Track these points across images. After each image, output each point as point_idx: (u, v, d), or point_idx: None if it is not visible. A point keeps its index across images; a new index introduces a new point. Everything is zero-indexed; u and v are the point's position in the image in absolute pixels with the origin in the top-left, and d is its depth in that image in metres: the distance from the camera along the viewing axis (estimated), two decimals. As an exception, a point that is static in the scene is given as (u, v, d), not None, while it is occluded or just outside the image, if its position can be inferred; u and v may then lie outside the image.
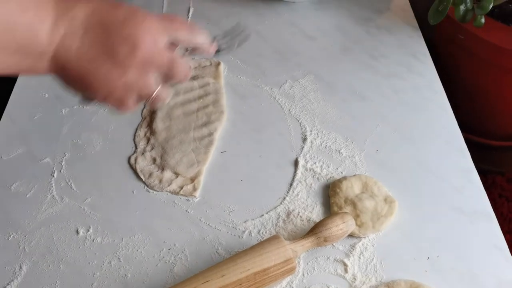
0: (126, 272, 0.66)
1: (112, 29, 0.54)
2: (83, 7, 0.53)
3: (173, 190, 0.74)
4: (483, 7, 0.89)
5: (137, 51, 0.54)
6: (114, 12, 0.54)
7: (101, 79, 0.54)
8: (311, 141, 0.81)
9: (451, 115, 0.85)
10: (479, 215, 0.72)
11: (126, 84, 0.55)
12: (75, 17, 0.52)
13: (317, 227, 0.66)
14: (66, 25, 0.52)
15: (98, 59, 0.53)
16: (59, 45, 0.52)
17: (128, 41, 0.54)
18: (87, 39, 0.53)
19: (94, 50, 0.53)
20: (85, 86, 0.55)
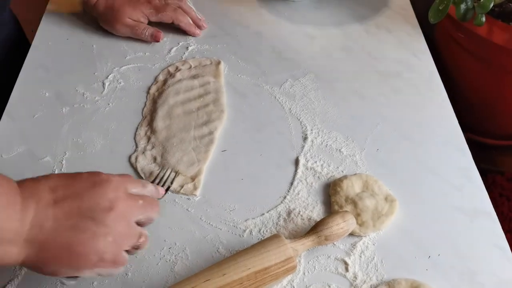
0: (126, 271, 0.66)
1: (83, 195, 0.55)
2: (46, 185, 0.54)
3: (174, 189, 0.74)
4: (484, 6, 0.89)
5: (115, 206, 0.55)
6: (78, 179, 0.56)
7: (89, 242, 0.54)
8: (312, 140, 0.81)
9: (452, 114, 0.85)
10: (480, 214, 0.72)
11: (115, 239, 0.55)
12: (41, 196, 0.53)
13: (318, 226, 0.66)
14: (34, 206, 0.52)
15: (79, 226, 0.53)
16: (31, 227, 0.52)
17: (104, 200, 0.55)
18: (61, 212, 0.53)
19: (72, 219, 0.53)
20: (74, 256, 0.54)
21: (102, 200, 0.55)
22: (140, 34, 0.94)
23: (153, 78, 0.90)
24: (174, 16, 0.95)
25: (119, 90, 0.87)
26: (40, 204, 0.53)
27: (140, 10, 0.94)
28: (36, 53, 0.94)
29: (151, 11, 0.95)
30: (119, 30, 0.94)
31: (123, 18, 0.93)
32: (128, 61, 0.92)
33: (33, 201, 0.53)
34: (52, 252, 0.53)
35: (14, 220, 0.51)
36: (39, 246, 0.52)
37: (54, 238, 0.52)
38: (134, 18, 0.94)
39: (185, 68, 0.91)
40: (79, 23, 0.99)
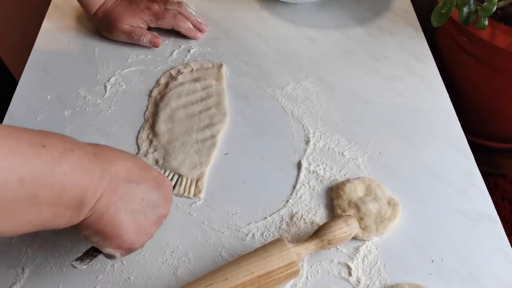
0: (129, 275, 0.66)
1: (150, 191, 0.60)
2: (124, 164, 0.57)
3: (177, 192, 0.73)
4: (487, 9, 0.89)
5: (162, 215, 0.63)
6: (150, 173, 0.61)
7: (133, 231, 0.59)
8: (314, 143, 0.80)
9: (454, 117, 0.85)
10: (483, 218, 0.72)
11: (147, 237, 0.62)
12: (117, 174, 0.56)
13: (321, 230, 0.66)
14: (108, 180, 0.54)
15: (135, 214, 0.59)
16: (101, 198, 0.54)
17: (161, 205, 0.62)
18: (127, 194, 0.57)
19: (133, 204, 0.58)
20: (115, 235, 0.58)
21: (160, 205, 0.62)
22: (138, 40, 0.94)
23: (155, 81, 0.90)
24: (174, 22, 0.95)
25: (121, 93, 0.87)
26: (114, 180, 0.55)
27: (139, 17, 0.94)
28: (37, 56, 0.93)
29: (150, 17, 0.95)
30: (118, 36, 0.94)
31: (121, 25, 0.93)
32: (129, 64, 0.92)
33: (109, 175, 0.55)
34: (103, 223, 0.56)
35: (91, 187, 0.53)
36: (98, 217, 0.55)
37: (113, 213, 0.56)
38: (133, 25, 0.94)
39: (187, 71, 0.91)
40: (80, 26, 0.99)
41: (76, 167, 0.51)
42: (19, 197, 0.46)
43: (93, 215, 0.54)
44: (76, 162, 0.51)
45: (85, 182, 0.52)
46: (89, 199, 0.53)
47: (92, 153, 0.54)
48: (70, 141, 0.52)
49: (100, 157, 0.54)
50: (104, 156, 0.55)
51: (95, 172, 0.53)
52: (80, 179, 0.51)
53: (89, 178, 0.52)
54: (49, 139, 0.50)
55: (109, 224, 0.56)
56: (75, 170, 0.51)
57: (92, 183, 0.52)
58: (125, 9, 0.94)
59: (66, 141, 0.52)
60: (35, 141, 0.48)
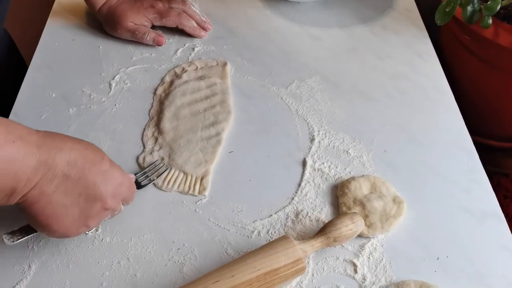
0: (135, 272, 0.66)
1: (87, 187, 0.60)
2: (65, 157, 0.58)
3: (182, 189, 0.74)
4: (491, 8, 0.89)
5: (105, 210, 0.63)
6: (96, 165, 0.61)
7: (63, 224, 0.60)
8: (319, 141, 0.81)
9: (459, 116, 0.85)
10: (488, 215, 0.72)
11: (84, 229, 0.63)
12: (56, 165, 0.57)
13: (327, 227, 0.66)
14: (44, 172, 0.57)
15: (68, 209, 0.60)
16: (33, 189, 0.57)
17: (99, 199, 0.62)
18: (62, 188, 0.58)
19: (68, 198, 0.59)
20: (44, 225, 0.60)
21: (102, 200, 0.62)
22: (141, 38, 0.94)
23: (160, 79, 0.90)
24: (178, 21, 0.95)
25: (126, 91, 0.87)
26: (50, 173, 0.57)
27: (143, 15, 0.94)
28: (42, 54, 0.93)
29: (154, 16, 0.95)
30: (121, 34, 0.94)
31: (125, 22, 0.93)
32: (134, 62, 0.92)
33: (46, 167, 0.57)
34: (34, 212, 0.59)
35: (24, 178, 0.55)
36: (30, 204, 0.58)
37: (43, 205, 0.58)
38: (137, 23, 0.94)
39: (191, 69, 0.91)
40: (84, 24, 0.99)
41: (13, 158, 0.54)
42: None
43: (24, 202, 0.57)
44: (14, 153, 0.54)
45: (19, 173, 0.55)
46: (20, 188, 0.55)
47: (35, 144, 0.56)
48: (16, 132, 0.55)
49: (42, 148, 0.56)
50: (46, 148, 0.57)
51: (31, 163, 0.55)
52: (14, 169, 0.54)
53: (24, 169, 0.55)
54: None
55: (39, 214, 0.59)
56: (11, 161, 0.54)
57: (25, 174, 0.55)
58: (130, 6, 0.94)
59: (11, 132, 0.55)
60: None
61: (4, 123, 0.55)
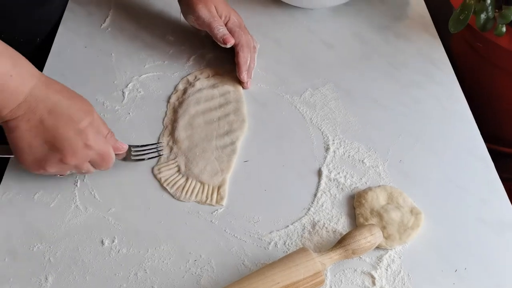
0: (152, 283, 0.66)
1: (54, 137, 0.67)
2: (48, 106, 0.66)
3: (199, 199, 0.73)
4: (505, 16, 0.89)
5: (63, 163, 0.69)
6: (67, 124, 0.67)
7: (25, 160, 0.68)
8: (334, 150, 0.80)
9: (473, 124, 0.85)
10: (506, 226, 0.72)
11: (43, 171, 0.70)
12: (37, 110, 0.65)
13: (345, 239, 0.66)
14: (26, 110, 0.65)
15: (31, 148, 0.67)
16: (15, 119, 0.65)
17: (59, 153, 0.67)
18: (35, 130, 0.66)
19: (33, 140, 0.66)
20: (14, 154, 0.68)
21: (67, 155, 0.68)
22: (214, 28, 0.88)
23: (173, 87, 0.89)
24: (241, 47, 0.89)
25: (139, 99, 0.87)
26: (31, 113, 0.65)
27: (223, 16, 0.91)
28: (54, 61, 0.93)
29: (228, 27, 0.91)
30: (200, 10, 0.89)
31: (210, 4, 0.90)
32: (147, 70, 0.92)
33: (29, 109, 0.65)
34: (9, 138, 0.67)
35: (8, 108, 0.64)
36: (6, 130, 0.67)
37: (16, 137, 0.66)
38: (218, 12, 0.90)
39: (203, 77, 0.90)
40: (96, 31, 0.99)
41: (6, 88, 0.62)
42: None
43: (4, 126, 0.66)
44: (9, 85, 0.62)
45: (5, 102, 0.63)
46: (3, 114, 0.64)
47: (30, 86, 0.64)
48: (19, 68, 0.64)
49: (33, 91, 0.65)
50: (37, 92, 0.65)
51: (19, 99, 0.64)
52: (2, 99, 0.63)
53: (10, 102, 0.63)
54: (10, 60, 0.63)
55: (11, 143, 0.67)
56: (4, 90, 0.62)
57: (9, 105, 0.63)
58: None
59: (16, 66, 0.63)
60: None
61: (13, 56, 0.64)
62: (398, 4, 1.06)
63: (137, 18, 1.01)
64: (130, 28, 0.99)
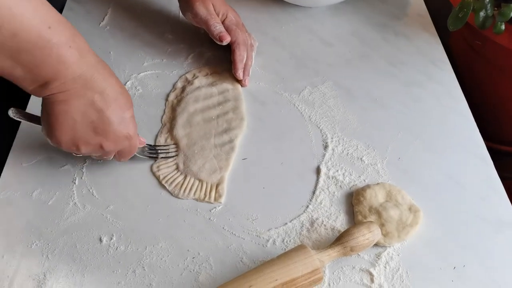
0: (151, 281, 0.65)
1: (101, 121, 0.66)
2: (101, 88, 0.65)
3: (197, 197, 0.73)
4: (504, 14, 0.89)
5: (100, 147, 0.69)
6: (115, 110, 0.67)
7: (62, 134, 0.66)
8: (333, 148, 0.80)
9: (473, 123, 0.85)
10: (505, 224, 0.72)
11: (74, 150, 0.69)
12: (91, 88, 0.64)
13: (343, 236, 0.66)
14: (80, 86, 0.63)
15: (75, 125, 0.65)
16: (65, 92, 0.63)
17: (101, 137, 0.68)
18: (83, 108, 0.65)
19: (79, 118, 0.65)
20: (49, 125, 0.66)
21: (105, 139, 0.68)
22: (211, 25, 0.89)
23: (171, 85, 0.89)
24: (237, 44, 0.89)
25: (138, 97, 0.87)
26: (84, 90, 0.64)
27: (220, 14, 0.92)
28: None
29: (229, 25, 0.91)
30: (198, 7, 0.90)
31: (208, 2, 0.90)
32: (145, 68, 0.92)
33: (84, 84, 0.63)
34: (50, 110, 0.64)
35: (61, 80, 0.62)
36: (51, 102, 0.64)
37: (60, 110, 0.64)
38: (215, 10, 0.91)
39: (202, 75, 0.90)
40: (94, 29, 0.99)
41: (65, 59, 0.60)
42: (3, 44, 0.56)
43: (49, 98, 0.63)
44: (68, 56, 0.60)
45: (60, 74, 0.61)
46: (54, 86, 0.62)
47: (88, 63, 0.63)
48: (78, 43, 0.62)
49: (90, 69, 0.63)
50: (94, 71, 0.64)
51: (75, 73, 0.62)
52: (60, 68, 0.60)
53: (66, 73, 0.61)
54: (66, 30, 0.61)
55: (52, 114, 0.64)
56: (63, 61, 0.60)
57: (64, 77, 0.61)
58: None
59: (75, 41, 0.62)
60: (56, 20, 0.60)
61: (72, 32, 0.62)
62: (398, 2, 1.06)
63: (135, 16, 1.01)
64: (128, 27, 0.99)
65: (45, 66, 0.60)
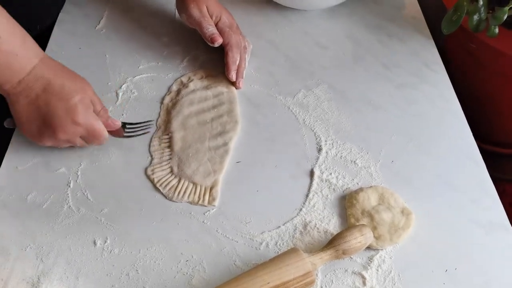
0: (144, 284, 0.66)
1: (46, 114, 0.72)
2: (44, 84, 0.71)
3: (191, 200, 0.74)
4: (498, 17, 0.89)
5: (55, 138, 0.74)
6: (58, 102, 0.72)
7: (26, 132, 0.74)
8: (326, 151, 0.81)
9: (465, 125, 0.85)
10: (496, 227, 0.72)
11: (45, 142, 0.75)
12: (34, 88, 0.71)
13: (336, 239, 0.66)
14: (25, 87, 0.71)
15: (29, 122, 0.73)
16: (14, 94, 0.71)
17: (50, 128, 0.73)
18: (31, 106, 0.71)
19: (28, 115, 0.72)
20: (17, 127, 0.74)
21: (60, 129, 0.73)
22: (204, 27, 0.89)
23: (167, 88, 0.90)
24: (230, 47, 0.90)
25: (133, 100, 0.87)
26: (29, 90, 0.71)
27: (214, 15, 0.92)
28: (49, 62, 0.93)
29: (223, 27, 0.91)
30: (192, 9, 0.91)
31: (202, 4, 0.91)
32: (141, 71, 0.92)
33: (28, 86, 0.71)
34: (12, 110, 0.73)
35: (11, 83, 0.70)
36: (9, 101, 0.72)
37: (16, 110, 0.72)
38: (209, 11, 0.91)
39: (197, 78, 0.91)
40: (91, 32, 0.99)
41: (12, 66, 0.69)
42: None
43: (8, 100, 0.72)
44: (15, 63, 0.69)
45: (9, 78, 0.69)
46: (6, 88, 0.70)
47: (32, 65, 0.70)
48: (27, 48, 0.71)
49: (34, 70, 0.70)
50: (38, 71, 0.71)
51: (19, 76, 0.70)
52: (6, 75, 0.69)
53: (12, 78, 0.70)
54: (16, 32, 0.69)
55: (13, 115, 0.73)
56: (10, 68, 0.69)
57: (12, 81, 0.70)
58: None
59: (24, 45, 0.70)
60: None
61: (23, 37, 0.70)
62: (392, 5, 1.07)
63: (131, 19, 1.01)
64: (124, 30, 0.99)
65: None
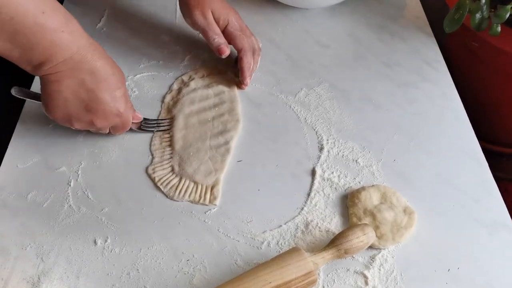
0: (145, 283, 0.66)
1: (91, 100, 0.71)
2: (92, 68, 0.69)
3: (192, 199, 0.73)
4: (500, 15, 0.89)
5: (91, 124, 0.74)
6: (105, 89, 0.72)
7: (56, 111, 0.72)
8: (328, 150, 0.80)
9: (468, 124, 0.85)
10: (499, 226, 0.72)
11: (68, 125, 0.75)
12: (81, 70, 0.69)
13: (338, 238, 0.66)
14: (71, 67, 0.68)
15: (66, 103, 0.71)
16: (57, 73, 0.68)
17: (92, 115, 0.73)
18: (75, 88, 0.70)
19: (71, 97, 0.70)
20: (45, 103, 0.72)
21: (97, 117, 0.73)
22: (210, 37, 0.86)
23: (167, 87, 0.89)
24: (244, 51, 0.87)
25: (134, 99, 0.87)
26: (75, 71, 0.69)
27: (221, 21, 0.89)
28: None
29: (233, 31, 0.89)
30: (196, 16, 0.87)
31: (206, 9, 0.87)
32: (141, 70, 0.92)
33: (74, 66, 0.68)
34: (45, 90, 0.70)
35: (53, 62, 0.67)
36: (46, 82, 0.69)
37: (54, 90, 0.69)
38: (215, 16, 0.88)
39: (198, 77, 0.90)
40: (91, 31, 0.99)
41: (58, 43, 0.65)
42: (3, 27, 0.61)
43: (44, 78, 0.69)
44: (60, 40, 0.65)
45: (53, 56, 0.66)
46: (48, 67, 0.66)
47: (78, 45, 0.67)
48: (71, 26, 0.67)
49: (80, 50, 0.68)
50: (84, 53, 0.68)
51: (66, 55, 0.66)
52: (53, 51, 0.65)
53: (58, 56, 0.66)
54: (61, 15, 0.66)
55: (47, 93, 0.70)
56: (56, 44, 0.65)
57: (57, 60, 0.66)
58: (220, 2, 0.89)
59: (68, 24, 0.66)
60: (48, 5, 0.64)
61: (66, 14, 0.67)
62: (394, 3, 1.06)
63: (132, 18, 1.01)
64: (125, 28, 0.99)
65: (38, 49, 0.64)
